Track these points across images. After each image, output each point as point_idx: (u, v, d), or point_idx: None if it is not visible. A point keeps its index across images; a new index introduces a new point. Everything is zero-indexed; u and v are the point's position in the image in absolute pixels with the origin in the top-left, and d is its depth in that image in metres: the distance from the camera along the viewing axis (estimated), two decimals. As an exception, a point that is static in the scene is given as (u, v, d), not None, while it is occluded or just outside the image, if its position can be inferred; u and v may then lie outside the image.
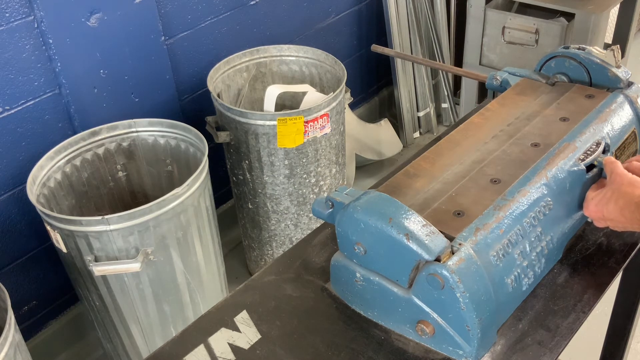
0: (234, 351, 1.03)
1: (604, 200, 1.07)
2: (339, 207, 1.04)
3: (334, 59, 2.23)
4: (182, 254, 1.77)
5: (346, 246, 1.02)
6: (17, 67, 1.78)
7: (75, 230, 1.61)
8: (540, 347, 1.00)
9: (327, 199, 1.07)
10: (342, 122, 2.19)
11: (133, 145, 1.97)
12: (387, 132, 3.09)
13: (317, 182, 2.17)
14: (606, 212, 1.06)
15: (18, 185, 1.90)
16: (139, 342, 1.90)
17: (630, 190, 1.03)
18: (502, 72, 1.43)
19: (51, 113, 1.90)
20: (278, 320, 1.07)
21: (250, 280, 1.17)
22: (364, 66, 3.10)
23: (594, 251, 1.17)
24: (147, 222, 1.64)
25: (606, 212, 1.06)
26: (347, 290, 1.08)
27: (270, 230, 2.26)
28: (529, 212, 1.05)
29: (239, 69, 2.28)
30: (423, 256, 0.93)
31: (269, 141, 2.01)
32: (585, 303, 1.07)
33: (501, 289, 0.99)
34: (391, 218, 0.95)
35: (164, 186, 2.06)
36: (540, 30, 2.66)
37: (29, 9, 1.74)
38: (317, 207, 1.09)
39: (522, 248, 1.03)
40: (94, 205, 1.99)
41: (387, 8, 2.83)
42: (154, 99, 2.12)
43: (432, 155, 1.20)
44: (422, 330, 0.98)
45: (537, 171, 1.10)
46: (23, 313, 2.05)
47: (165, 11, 2.09)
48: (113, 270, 1.67)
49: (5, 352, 1.44)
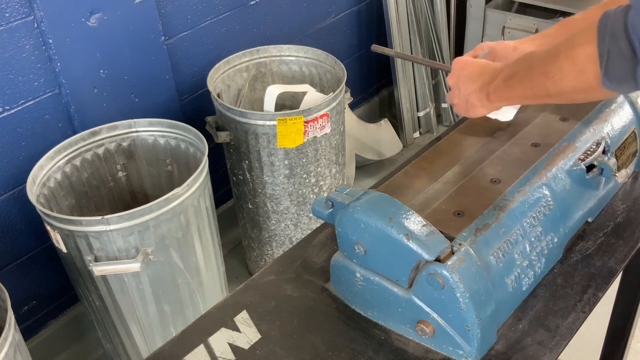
0: (234, 351, 1.03)
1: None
2: (339, 207, 1.04)
3: (334, 59, 2.23)
4: (182, 254, 1.77)
5: (346, 246, 1.02)
6: (17, 67, 1.78)
7: (75, 230, 1.61)
8: (540, 347, 1.00)
9: (327, 199, 1.07)
10: (342, 122, 2.19)
11: (133, 145, 1.97)
12: (387, 132, 3.09)
13: (317, 182, 2.17)
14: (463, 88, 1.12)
15: (18, 185, 1.90)
16: (139, 342, 1.90)
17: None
18: None
19: (51, 113, 1.90)
20: (278, 320, 1.07)
21: (250, 280, 1.17)
22: (364, 66, 3.10)
23: (594, 251, 1.17)
24: (147, 222, 1.64)
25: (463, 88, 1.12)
26: (347, 290, 1.08)
27: (270, 230, 2.26)
28: (529, 212, 1.05)
29: (239, 69, 2.28)
30: (423, 256, 0.93)
31: (269, 141, 2.01)
32: (585, 303, 1.07)
33: (501, 289, 0.99)
34: (391, 218, 0.95)
35: (164, 186, 2.06)
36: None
37: (29, 9, 1.74)
38: (317, 207, 1.09)
39: (522, 248, 1.03)
40: (94, 205, 1.99)
41: (387, 8, 2.83)
42: (153, 99, 2.12)
43: (432, 155, 1.20)
44: (422, 330, 0.98)
45: (537, 171, 1.10)
46: (23, 313, 2.05)
47: (165, 11, 2.09)
48: (113, 270, 1.67)
49: (5, 352, 1.44)
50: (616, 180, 1.15)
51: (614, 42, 0.80)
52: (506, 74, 1.02)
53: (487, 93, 1.07)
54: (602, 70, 0.82)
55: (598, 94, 0.88)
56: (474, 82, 1.09)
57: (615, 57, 0.80)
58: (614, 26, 0.79)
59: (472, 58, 1.15)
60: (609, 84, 0.83)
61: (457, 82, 1.13)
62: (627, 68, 0.80)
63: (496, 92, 1.04)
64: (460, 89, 1.13)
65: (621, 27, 0.78)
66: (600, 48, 0.81)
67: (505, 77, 1.02)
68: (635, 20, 0.77)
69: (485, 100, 1.08)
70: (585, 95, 0.90)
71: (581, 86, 0.87)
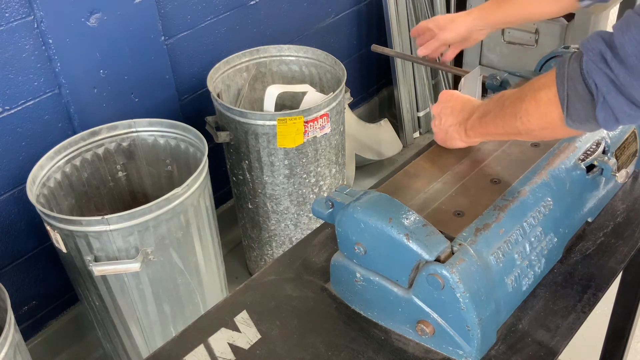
0: (234, 351, 1.03)
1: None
2: (339, 207, 1.04)
3: (334, 59, 2.23)
4: (182, 254, 1.77)
5: (346, 246, 1.02)
6: (17, 67, 1.78)
7: (75, 230, 1.61)
8: (540, 347, 1.00)
9: (327, 199, 1.07)
10: (342, 122, 2.19)
11: (133, 145, 1.97)
12: (387, 132, 3.09)
13: (317, 182, 2.17)
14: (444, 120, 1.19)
15: (18, 185, 1.90)
16: (138, 342, 1.90)
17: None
18: (502, 73, 1.43)
19: (51, 113, 1.90)
20: (278, 320, 1.07)
21: (250, 280, 1.17)
22: (363, 66, 3.10)
23: (594, 251, 1.17)
24: (147, 222, 1.64)
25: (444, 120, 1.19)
26: (347, 290, 1.08)
27: (270, 230, 2.26)
28: (529, 212, 1.05)
29: (239, 69, 2.28)
30: (423, 256, 0.93)
31: (269, 141, 2.01)
32: (585, 303, 1.07)
33: (501, 289, 0.99)
34: (391, 218, 0.95)
35: (164, 186, 2.06)
36: (540, 30, 2.66)
37: (29, 9, 1.74)
38: (317, 207, 1.09)
39: (522, 248, 1.03)
40: (94, 205, 1.99)
41: (387, 8, 2.83)
42: (153, 99, 2.12)
43: (432, 156, 1.20)
44: (422, 330, 0.98)
45: (537, 171, 1.10)
46: (23, 313, 2.05)
47: (165, 11, 2.09)
48: (113, 270, 1.67)
49: (5, 352, 1.44)
50: (616, 180, 1.15)
51: (572, 86, 0.86)
52: (481, 112, 1.09)
53: (465, 128, 1.13)
54: (564, 112, 0.88)
55: (564, 133, 0.96)
56: (454, 116, 1.16)
57: (575, 100, 0.87)
58: (571, 71, 0.86)
59: (457, 92, 1.21)
60: (572, 124, 0.89)
61: (440, 112, 1.20)
62: (586, 109, 0.86)
63: (473, 128, 1.11)
64: (442, 119, 1.19)
65: (577, 72, 0.85)
66: (560, 92, 0.88)
67: (480, 115, 1.09)
68: (589, 66, 0.83)
69: (464, 135, 1.15)
70: (551, 133, 0.98)
71: (547, 126, 0.94)
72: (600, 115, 0.85)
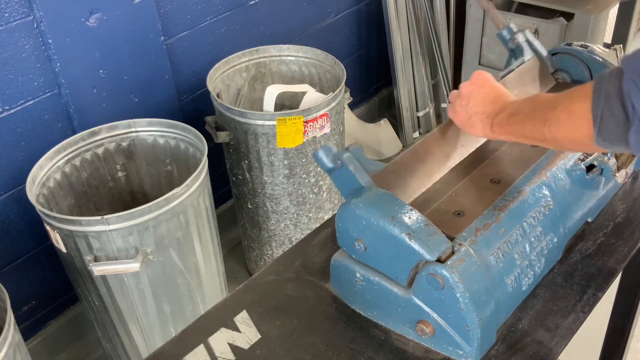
0: (234, 351, 1.03)
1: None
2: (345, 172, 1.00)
3: (334, 59, 2.23)
4: (182, 254, 1.77)
5: (346, 242, 1.02)
6: (17, 67, 1.78)
7: (75, 230, 1.61)
8: (540, 347, 1.00)
9: (337, 157, 1.02)
10: (341, 122, 2.19)
11: (132, 145, 1.97)
12: (387, 132, 3.09)
13: (317, 182, 2.17)
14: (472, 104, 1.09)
15: (17, 185, 1.90)
16: (138, 342, 1.90)
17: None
18: (522, 36, 1.33)
19: (51, 113, 1.90)
20: (278, 320, 1.07)
21: (250, 280, 1.17)
22: (363, 66, 3.10)
23: (594, 251, 1.17)
24: (147, 222, 1.64)
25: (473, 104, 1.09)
26: (347, 290, 1.08)
27: (270, 230, 2.26)
28: (529, 212, 1.05)
29: (239, 69, 2.28)
30: (424, 256, 0.93)
31: (269, 141, 2.01)
32: (585, 303, 1.07)
33: (501, 289, 0.99)
34: (393, 216, 0.94)
35: (164, 186, 2.06)
36: (540, 30, 2.66)
37: (29, 8, 1.74)
38: (322, 156, 1.03)
39: (522, 248, 1.03)
40: (94, 205, 1.99)
41: (387, 8, 2.83)
42: (153, 99, 2.12)
43: (440, 134, 1.16)
44: (422, 330, 0.98)
45: (537, 171, 1.10)
46: (23, 313, 2.05)
47: (164, 11, 2.09)
48: (112, 270, 1.67)
49: (4, 352, 1.44)
50: (616, 180, 1.15)
51: (608, 104, 0.81)
52: (511, 110, 1.02)
53: (492, 123, 1.06)
54: (595, 129, 0.84)
55: (591, 149, 0.91)
56: (485, 106, 1.07)
57: (608, 120, 0.82)
58: (609, 89, 0.81)
59: (492, 78, 1.13)
60: (602, 142, 0.85)
61: (470, 94, 1.10)
62: (619, 131, 0.81)
63: (500, 125, 1.04)
64: (470, 102, 1.09)
65: (615, 90, 0.80)
66: (594, 108, 0.83)
67: (509, 113, 1.02)
68: (629, 86, 0.78)
69: (489, 129, 1.07)
70: (578, 147, 0.94)
71: (575, 139, 0.90)
72: (632, 139, 0.80)
